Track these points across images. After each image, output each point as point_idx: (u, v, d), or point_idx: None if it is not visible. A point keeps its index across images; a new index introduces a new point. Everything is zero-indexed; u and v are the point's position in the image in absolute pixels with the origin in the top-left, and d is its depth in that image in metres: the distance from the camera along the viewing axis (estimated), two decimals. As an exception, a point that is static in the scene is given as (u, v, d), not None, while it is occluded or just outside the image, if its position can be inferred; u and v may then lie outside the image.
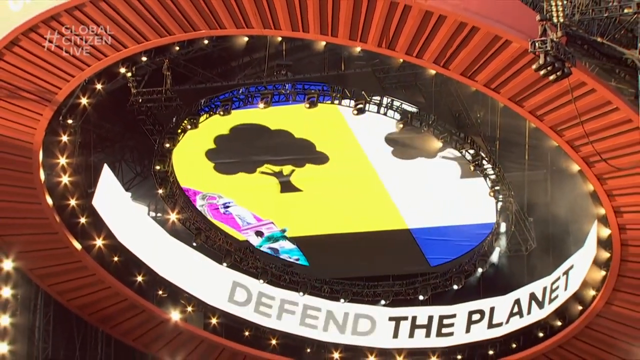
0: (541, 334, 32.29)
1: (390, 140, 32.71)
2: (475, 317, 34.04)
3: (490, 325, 33.76)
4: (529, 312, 32.69)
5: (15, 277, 32.64)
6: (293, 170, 34.34)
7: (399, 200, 34.44)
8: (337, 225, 35.80)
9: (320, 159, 33.76)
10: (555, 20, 22.62)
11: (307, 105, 30.46)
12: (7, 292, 32.42)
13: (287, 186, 34.65)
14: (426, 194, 34.11)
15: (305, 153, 33.66)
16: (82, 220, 32.30)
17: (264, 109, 30.47)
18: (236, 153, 34.06)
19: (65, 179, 31.62)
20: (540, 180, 31.89)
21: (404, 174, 33.69)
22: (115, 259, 33.26)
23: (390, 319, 35.35)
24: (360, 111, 30.30)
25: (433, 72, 27.26)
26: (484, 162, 31.30)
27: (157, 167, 33.73)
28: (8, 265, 32.27)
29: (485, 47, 24.69)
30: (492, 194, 31.72)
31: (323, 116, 31.83)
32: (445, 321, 34.49)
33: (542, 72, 22.85)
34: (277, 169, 34.37)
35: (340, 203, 35.01)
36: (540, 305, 32.34)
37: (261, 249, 36.46)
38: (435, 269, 35.18)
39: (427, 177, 33.62)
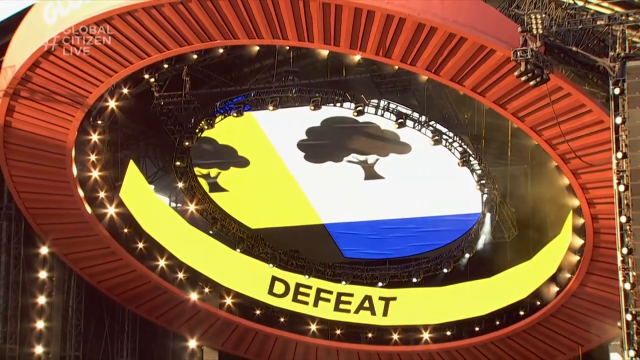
0: (522, 313, 32.19)
1: (301, 146, 33.24)
2: (462, 297, 33.93)
3: (476, 305, 33.64)
4: (512, 295, 32.58)
5: (51, 261, 32.89)
6: (219, 173, 34.70)
7: (313, 198, 34.83)
8: (261, 221, 35.93)
9: (242, 162, 34.09)
10: (534, 31, 22.78)
11: (312, 108, 30.39)
12: (43, 274, 32.64)
13: (215, 187, 34.97)
14: (337, 193, 34.60)
15: (228, 158, 34.06)
16: (110, 210, 32.23)
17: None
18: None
19: (95, 174, 31.60)
20: (521, 174, 31.66)
21: (316, 176, 34.15)
22: (140, 245, 33.18)
23: (387, 299, 35.24)
24: (360, 113, 30.19)
25: (425, 78, 27.17)
26: (471, 158, 31.30)
27: (177, 163, 33.75)
28: (44, 250, 32.52)
29: (472, 55, 24.70)
30: (478, 187, 31.64)
31: (242, 125, 32.13)
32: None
33: (523, 78, 23.04)
34: (204, 171, 34.76)
35: (262, 201, 35.30)
36: (521, 287, 32.27)
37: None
38: (426, 255, 34.94)
39: (336, 178, 34.12)
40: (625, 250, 23.25)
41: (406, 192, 34.20)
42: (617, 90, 23.37)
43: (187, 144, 32.87)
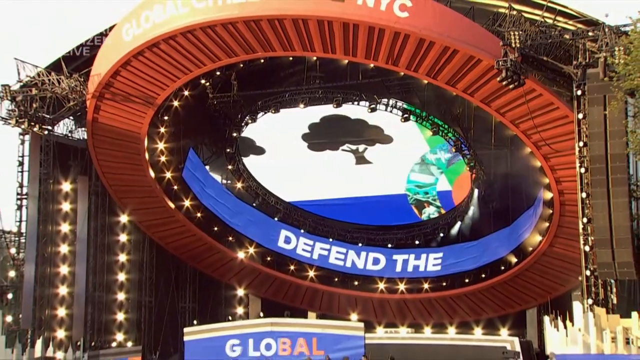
0: (502, 267, 31.99)
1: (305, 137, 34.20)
2: (456, 256, 33.71)
3: (466, 261, 33.37)
4: (494, 252, 32.49)
5: (129, 227, 32.99)
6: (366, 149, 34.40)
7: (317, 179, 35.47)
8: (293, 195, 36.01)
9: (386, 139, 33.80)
10: (513, 45, 22.91)
11: (335, 105, 30.47)
12: (123, 237, 32.82)
13: (361, 160, 34.65)
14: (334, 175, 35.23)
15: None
16: (175, 187, 32.21)
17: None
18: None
19: (162, 158, 31.57)
20: (503, 157, 31.42)
21: (318, 162, 34.93)
22: (198, 214, 33.06)
23: (395, 256, 34.99)
24: (373, 110, 30.34)
25: (425, 81, 27.18)
26: (462, 145, 31.47)
27: (227, 150, 34.09)
28: (124, 218, 32.69)
29: (463, 64, 24.73)
30: (467, 169, 31.81)
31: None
32: (434, 259, 34.16)
33: (504, 82, 23.26)
34: (353, 147, 34.46)
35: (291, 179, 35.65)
36: (502, 247, 32.22)
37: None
38: (426, 222, 35.03)
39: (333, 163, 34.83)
40: (585, 220, 23.54)
41: (392, 175, 34.42)
42: (579, 92, 23.63)
43: (234, 134, 33.28)
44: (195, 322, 31.60)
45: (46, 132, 29.48)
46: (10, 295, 29.06)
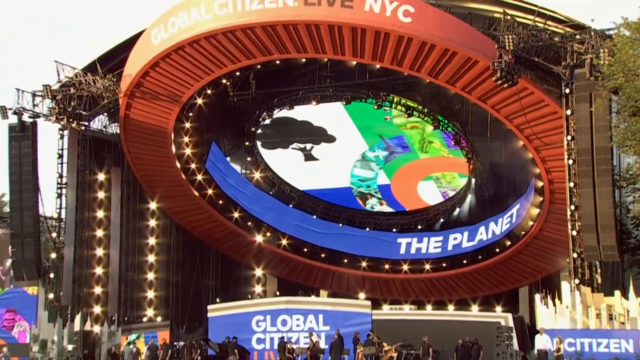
0: (497, 250, 32.01)
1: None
2: (455, 239, 33.80)
3: (465, 244, 33.36)
4: (490, 236, 32.49)
5: (158, 213, 33.19)
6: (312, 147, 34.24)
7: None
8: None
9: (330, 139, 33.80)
10: (507, 47, 22.75)
11: (344, 103, 30.39)
12: (152, 223, 33.06)
13: (309, 157, 34.53)
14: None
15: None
16: (199, 177, 32.27)
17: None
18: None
19: (187, 151, 31.61)
20: (498, 149, 31.24)
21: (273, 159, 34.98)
22: (220, 202, 33.15)
23: (399, 240, 34.94)
24: (379, 106, 30.32)
25: (427, 80, 27.17)
26: (461, 139, 31.31)
27: (247, 143, 34.07)
28: (153, 205, 32.89)
29: (461, 65, 24.71)
30: (465, 160, 31.68)
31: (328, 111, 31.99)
32: (435, 242, 34.19)
33: (498, 82, 23.18)
34: (301, 145, 34.32)
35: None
36: (497, 231, 32.21)
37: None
38: (428, 209, 34.73)
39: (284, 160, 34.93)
40: (572, 207, 23.62)
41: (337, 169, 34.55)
42: (567, 90, 23.59)
43: (253, 129, 33.28)
44: (217, 299, 31.73)
45: (83, 128, 29.72)
46: (52, 275, 29.19)
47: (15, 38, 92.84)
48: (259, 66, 28.57)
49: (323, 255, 35.07)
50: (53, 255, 29.65)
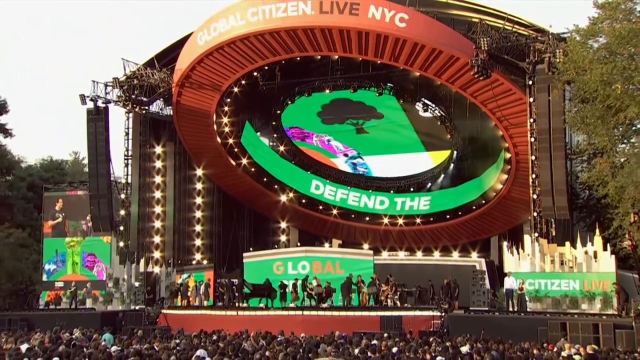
0: (474, 207, 31.66)
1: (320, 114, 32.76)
2: (440, 198, 33.50)
3: (448, 203, 32.95)
4: (468, 197, 32.28)
5: (203, 178, 33.51)
6: (364, 122, 33.42)
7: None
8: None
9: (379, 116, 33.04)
10: (482, 47, 22.92)
11: (352, 91, 30.40)
12: (199, 186, 33.44)
13: (360, 130, 33.76)
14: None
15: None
16: (235, 149, 32.44)
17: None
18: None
19: (226, 129, 31.77)
20: (475, 127, 30.85)
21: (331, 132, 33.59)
22: (252, 169, 33.24)
23: (396, 199, 34.63)
24: (380, 94, 30.32)
25: (418, 73, 27.21)
26: (445, 120, 31.43)
27: (273, 123, 33.95)
28: (199, 172, 33.23)
29: (446, 61, 24.87)
30: (449, 136, 31.64)
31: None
32: (425, 201, 33.84)
33: (476, 75, 23.34)
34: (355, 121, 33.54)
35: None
36: (474, 193, 32.01)
37: (346, 163, 34.96)
38: (419, 175, 34.28)
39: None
40: (534, 175, 23.91)
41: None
42: (530, 82, 23.77)
43: (278, 112, 33.24)
44: (251, 248, 31.99)
45: (144, 111, 30.25)
46: (121, 227, 29.94)
47: (84, 34, 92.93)
48: (283, 61, 28.49)
49: (335, 212, 34.65)
50: (122, 212, 30.28)
